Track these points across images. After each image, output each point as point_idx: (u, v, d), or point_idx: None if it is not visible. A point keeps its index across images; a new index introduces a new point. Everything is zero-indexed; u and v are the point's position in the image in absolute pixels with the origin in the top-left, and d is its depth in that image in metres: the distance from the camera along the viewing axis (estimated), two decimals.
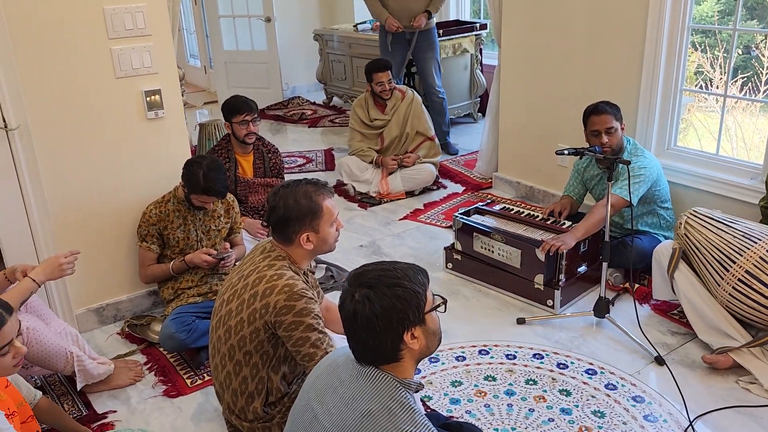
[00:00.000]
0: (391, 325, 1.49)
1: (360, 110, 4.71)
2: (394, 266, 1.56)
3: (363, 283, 1.52)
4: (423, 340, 1.55)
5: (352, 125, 4.76)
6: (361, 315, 1.49)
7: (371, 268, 1.57)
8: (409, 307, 1.50)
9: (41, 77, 2.70)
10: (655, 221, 3.31)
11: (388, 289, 1.49)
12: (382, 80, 4.55)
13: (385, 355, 1.52)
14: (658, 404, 2.49)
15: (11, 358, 1.80)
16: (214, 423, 2.48)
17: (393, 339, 1.50)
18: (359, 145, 4.71)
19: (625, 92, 3.56)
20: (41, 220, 2.79)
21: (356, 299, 1.50)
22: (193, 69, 8.96)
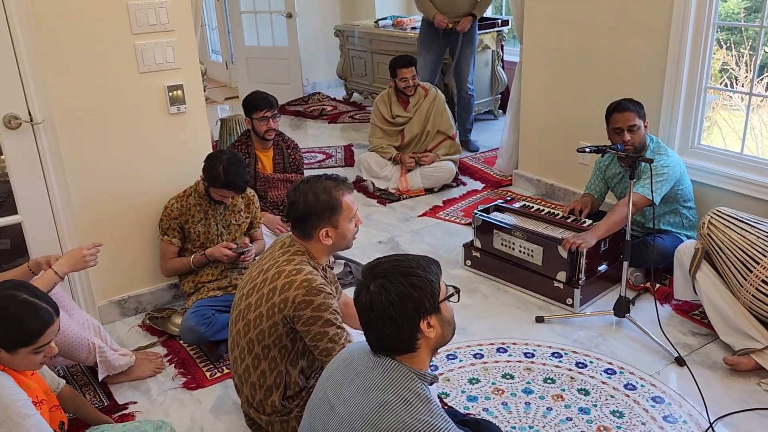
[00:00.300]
0: (407, 313, 1.50)
1: (382, 106, 4.70)
2: (407, 257, 1.59)
3: (378, 274, 1.54)
4: (439, 328, 1.57)
5: (373, 121, 4.76)
6: (377, 305, 1.51)
7: (385, 260, 1.59)
8: (425, 296, 1.52)
9: (66, 72, 2.73)
10: (677, 220, 3.28)
11: (404, 278, 1.51)
12: (406, 76, 4.54)
13: (402, 345, 1.54)
14: (678, 405, 2.47)
15: (42, 357, 1.84)
16: (233, 416, 2.50)
17: (410, 327, 1.52)
18: (379, 142, 4.71)
19: (648, 90, 3.52)
20: (65, 213, 2.83)
21: (372, 290, 1.52)
22: (215, 64, 9.02)
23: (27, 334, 1.78)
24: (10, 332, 1.76)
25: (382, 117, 4.71)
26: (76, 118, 2.80)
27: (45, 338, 1.82)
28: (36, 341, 1.80)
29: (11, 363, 1.80)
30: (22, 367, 1.84)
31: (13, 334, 1.76)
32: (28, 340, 1.78)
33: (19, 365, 1.82)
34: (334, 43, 7.42)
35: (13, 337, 1.76)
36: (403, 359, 1.55)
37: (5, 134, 2.62)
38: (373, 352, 1.58)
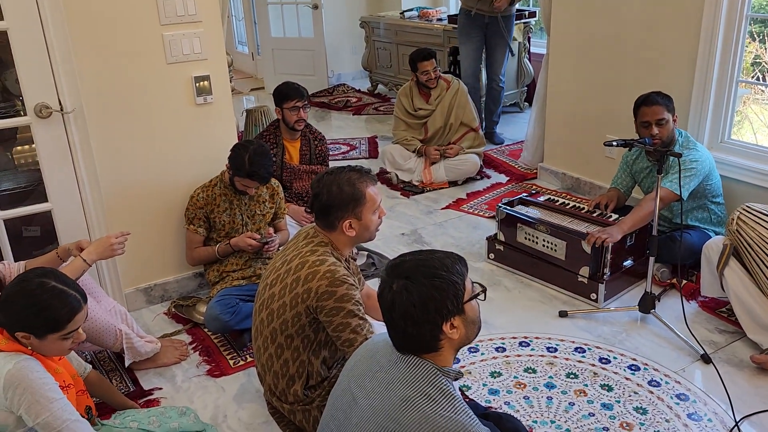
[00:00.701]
0: (429, 316, 1.48)
1: (404, 99, 4.70)
2: (432, 255, 1.56)
3: (400, 274, 1.52)
4: (462, 329, 1.55)
5: (396, 114, 4.76)
6: (399, 305, 1.49)
7: (408, 258, 1.56)
8: (447, 297, 1.50)
9: (96, 62, 2.77)
10: (705, 216, 3.22)
11: (426, 279, 1.49)
12: (427, 69, 4.52)
13: (424, 345, 1.52)
14: (702, 403, 2.44)
15: (71, 343, 1.87)
16: (256, 404, 2.53)
17: (432, 329, 1.50)
18: (403, 134, 4.70)
19: (678, 82, 3.46)
20: (94, 201, 2.88)
21: (394, 290, 1.51)
22: (241, 55, 9.06)
23: (55, 320, 1.81)
24: (39, 319, 1.80)
25: (405, 110, 4.70)
26: (105, 108, 2.84)
27: (73, 325, 1.85)
28: (64, 328, 1.83)
29: (40, 348, 1.84)
30: (50, 353, 1.87)
31: (42, 321, 1.80)
32: (56, 327, 1.82)
33: (47, 351, 1.86)
34: (360, 34, 7.41)
35: (43, 324, 1.80)
36: (427, 356, 1.54)
37: (36, 123, 2.67)
38: (396, 349, 1.57)
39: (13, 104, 3.07)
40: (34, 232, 3.18)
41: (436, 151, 4.59)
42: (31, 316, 1.79)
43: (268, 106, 5.00)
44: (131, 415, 2.18)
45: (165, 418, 2.18)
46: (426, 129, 4.67)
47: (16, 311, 1.79)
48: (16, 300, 1.80)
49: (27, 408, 1.73)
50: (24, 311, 1.79)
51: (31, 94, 2.63)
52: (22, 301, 1.80)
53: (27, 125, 2.69)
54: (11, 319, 1.80)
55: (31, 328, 1.80)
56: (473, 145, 4.69)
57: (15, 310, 1.79)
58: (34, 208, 2.82)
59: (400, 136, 4.71)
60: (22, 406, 1.73)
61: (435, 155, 4.58)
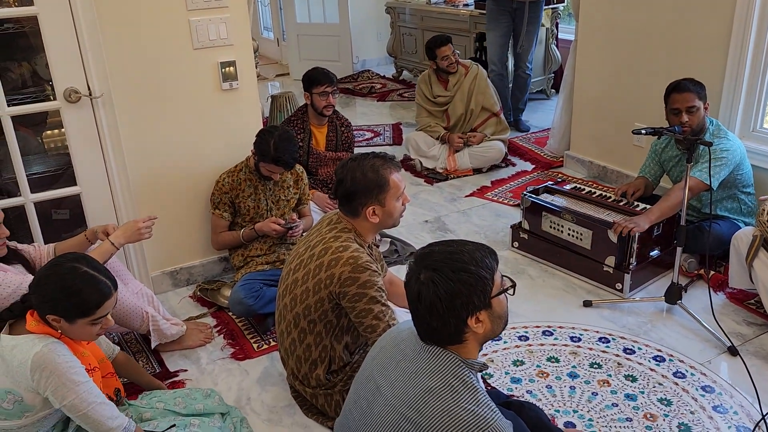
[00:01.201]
0: (454, 310, 1.47)
1: (424, 86, 4.67)
2: (461, 248, 1.53)
3: (428, 265, 1.49)
4: (488, 324, 1.53)
5: (418, 102, 4.74)
6: (425, 297, 1.48)
7: (437, 249, 1.54)
8: (474, 293, 1.47)
9: (124, 47, 2.80)
10: (735, 206, 3.16)
11: (453, 273, 1.47)
12: (447, 54, 4.48)
13: (448, 338, 1.51)
14: (728, 395, 2.40)
15: (99, 328, 1.91)
16: (279, 387, 2.55)
17: (456, 323, 1.49)
18: (427, 121, 4.68)
19: (709, 69, 3.39)
20: (121, 185, 2.92)
21: (421, 281, 1.49)
22: (267, 41, 9.08)
23: (85, 305, 1.85)
24: (69, 303, 1.83)
25: (425, 97, 4.68)
26: (132, 94, 2.87)
27: (102, 310, 1.88)
28: (94, 313, 1.86)
29: (69, 332, 1.87)
30: (79, 337, 1.91)
31: (72, 305, 1.83)
32: (86, 312, 1.85)
33: (76, 335, 1.89)
34: (385, 20, 7.37)
35: (73, 308, 1.83)
36: (451, 348, 1.53)
37: (66, 108, 2.71)
38: (421, 339, 1.56)
39: (43, 89, 3.11)
40: (64, 215, 3.23)
41: (459, 138, 4.56)
42: (62, 300, 1.83)
43: (293, 92, 5.02)
44: (157, 396, 2.22)
45: (190, 399, 2.22)
46: (448, 116, 4.65)
47: (48, 294, 1.83)
48: (49, 283, 1.84)
49: (53, 390, 1.76)
50: (55, 294, 1.83)
51: (60, 78, 2.67)
52: (54, 284, 1.83)
53: (56, 110, 2.73)
54: (43, 301, 1.83)
55: (61, 312, 1.83)
56: (497, 131, 4.64)
57: (47, 292, 1.83)
58: (63, 191, 2.87)
59: (423, 123, 4.69)
60: (49, 388, 1.76)
61: (458, 143, 4.55)
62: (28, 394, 1.78)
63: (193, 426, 2.08)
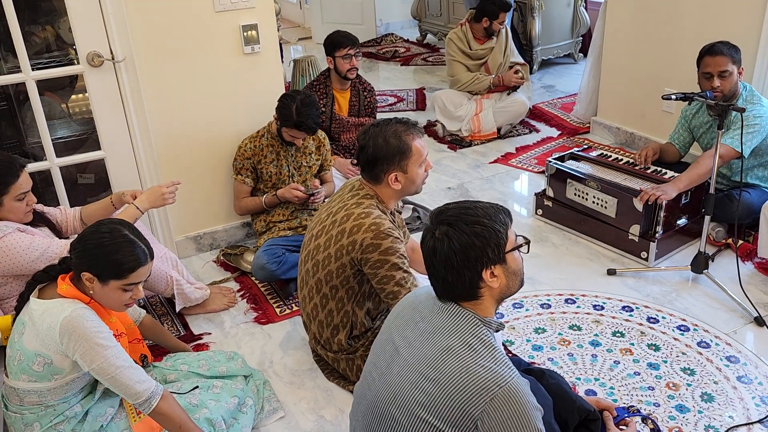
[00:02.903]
0: (469, 262, 1.49)
1: (459, 42, 4.47)
2: (475, 205, 1.55)
3: (443, 221, 1.52)
4: (503, 279, 1.54)
5: (452, 57, 4.52)
6: (440, 251, 1.50)
7: (452, 206, 1.56)
8: (488, 245, 1.49)
9: (146, 11, 2.78)
10: (766, 174, 3.08)
11: (467, 226, 1.49)
12: (503, 20, 4.41)
13: (464, 292, 1.53)
14: (754, 366, 2.38)
15: (128, 298, 1.93)
16: (301, 351, 2.58)
17: (471, 275, 1.50)
18: (467, 75, 4.48)
19: (743, 32, 3.27)
20: (145, 150, 2.93)
21: (436, 236, 1.51)
22: (289, 5, 8.97)
23: (120, 266, 1.87)
24: (106, 261, 1.86)
25: (461, 51, 4.51)
26: (154, 57, 2.86)
27: (136, 276, 1.90)
28: (127, 276, 1.88)
29: (101, 295, 1.90)
30: (108, 302, 1.93)
31: (108, 264, 1.86)
32: (119, 273, 1.87)
33: (107, 299, 1.91)
34: None
35: (108, 267, 1.86)
36: (468, 305, 1.54)
37: (89, 72, 2.71)
38: (437, 297, 1.58)
39: (66, 53, 3.12)
40: (89, 180, 3.27)
41: (514, 74, 4.43)
42: (99, 257, 1.85)
43: (316, 56, 4.96)
44: (181, 358, 2.26)
45: (213, 362, 2.25)
46: (487, 68, 4.51)
47: (87, 250, 1.86)
48: (90, 239, 1.87)
49: (82, 354, 1.80)
50: (93, 251, 1.86)
51: (83, 42, 2.67)
52: (94, 240, 1.87)
53: (80, 74, 2.73)
54: (81, 257, 1.87)
55: (96, 269, 1.86)
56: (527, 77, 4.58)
57: (86, 248, 1.86)
58: (87, 155, 2.90)
59: (465, 78, 4.48)
60: (77, 352, 1.80)
61: (516, 78, 4.44)
62: (57, 356, 1.82)
63: (216, 388, 2.12)
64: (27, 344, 1.83)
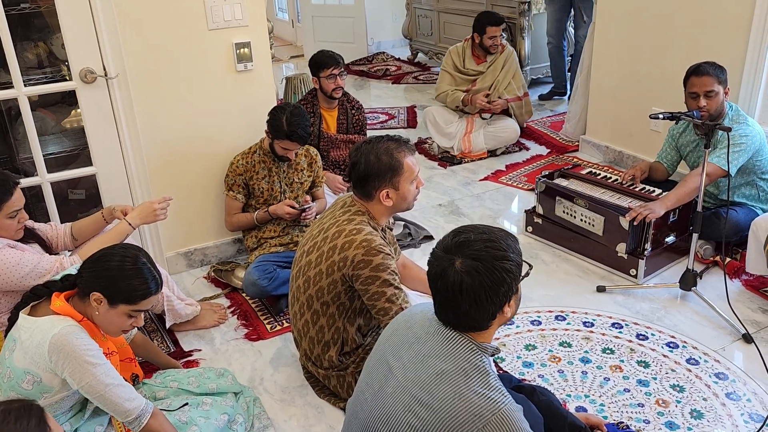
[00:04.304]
0: (497, 298, 1.48)
1: (456, 57, 4.55)
2: (495, 236, 1.51)
3: (469, 255, 1.47)
4: (514, 308, 1.56)
5: (444, 68, 4.60)
6: (468, 287, 1.45)
7: (474, 238, 1.50)
8: (514, 279, 1.50)
9: (139, 28, 2.79)
10: (753, 193, 3.12)
11: (498, 262, 1.46)
12: (496, 34, 4.41)
13: (480, 325, 1.51)
14: (742, 383, 2.39)
15: (129, 325, 1.93)
16: (291, 368, 2.57)
17: (494, 309, 1.50)
18: (448, 87, 4.55)
19: (730, 53, 3.33)
20: (137, 166, 2.93)
21: (461, 270, 1.46)
22: (281, 23, 9.04)
23: (134, 292, 1.87)
24: (121, 285, 1.85)
25: (454, 65, 4.57)
26: (147, 74, 2.87)
27: (144, 304, 1.90)
28: (138, 303, 1.88)
29: (104, 317, 1.88)
30: (108, 326, 1.91)
31: (123, 288, 1.85)
32: (131, 299, 1.87)
33: (108, 322, 1.90)
34: (400, 1, 7.31)
35: (123, 290, 1.86)
36: (470, 334, 1.53)
37: (81, 88, 2.72)
38: (441, 323, 1.55)
39: (59, 69, 3.12)
40: (80, 195, 3.26)
41: (482, 96, 4.42)
42: (117, 279, 1.85)
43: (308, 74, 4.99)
44: (171, 375, 2.24)
45: (204, 378, 2.24)
46: (474, 84, 4.55)
47: (105, 271, 1.86)
48: (110, 261, 1.87)
49: (71, 372, 1.78)
50: (113, 272, 1.85)
51: (76, 59, 2.68)
52: (115, 263, 1.86)
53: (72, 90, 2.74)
54: (97, 277, 1.86)
55: (109, 291, 1.85)
56: (519, 114, 4.59)
57: (106, 268, 1.86)
58: (79, 171, 2.90)
59: (442, 89, 4.57)
60: (66, 370, 1.78)
61: (482, 101, 4.41)
62: (46, 374, 1.81)
63: (206, 405, 2.11)
64: (16, 362, 1.81)
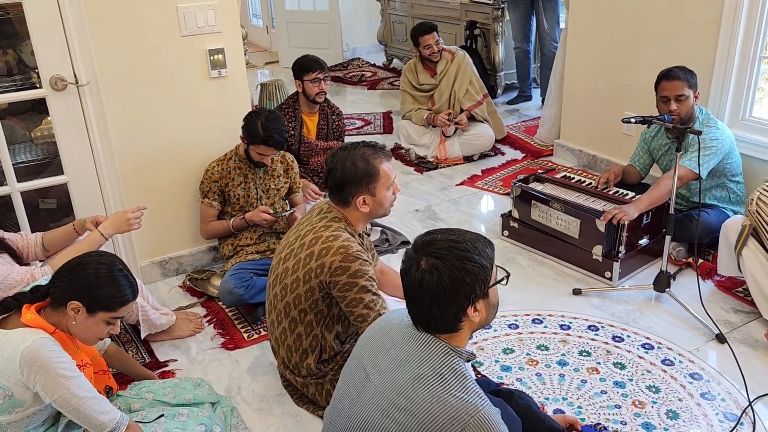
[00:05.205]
0: (457, 297, 1.47)
1: (410, 74, 4.65)
2: (464, 237, 1.52)
3: (431, 253, 1.48)
4: (484, 313, 1.54)
5: (403, 89, 4.70)
6: (428, 284, 1.47)
7: (440, 238, 1.52)
8: (477, 282, 1.48)
9: (110, 35, 2.76)
10: (724, 195, 3.18)
11: (459, 261, 1.46)
12: (430, 43, 4.45)
13: (445, 326, 1.52)
14: (716, 383, 2.43)
15: (106, 333, 1.92)
16: (269, 376, 2.55)
17: (456, 311, 1.49)
18: (411, 106, 4.65)
19: (699, 58, 3.39)
20: (109, 174, 2.89)
21: (423, 268, 1.48)
22: (256, 29, 9.01)
23: (113, 299, 1.86)
24: (101, 291, 1.85)
25: (410, 83, 4.65)
26: (119, 81, 2.84)
27: (122, 311, 1.90)
28: (116, 310, 1.88)
29: (81, 326, 1.86)
30: (86, 335, 1.90)
31: (103, 294, 1.85)
32: (110, 306, 1.87)
33: (86, 331, 1.88)
34: (375, 7, 7.33)
35: (102, 298, 1.85)
36: (442, 336, 1.53)
37: (52, 95, 2.68)
38: (413, 326, 1.56)
39: (29, 76, 3.07)
40: (51, 205, 3.20)
41: (444, 116, 4.47)
42: (95, 287, 1.84)
43: (283, 80, 4.99)
44: (146, 386, 2.21)
45: (180, 389, 2.21)
46: (433, 101, 4.61)
47: (83, 278, 1.84)
48: (86, 269, 1.85)
49: (43, 385, 1.75)
50: (89, 280, 1.84)
51: (46, 66, 2.63)
52: (91, 271, 1.85)
53: (42, 98, 2.69)
54: (73, 286, 1.84)
55: (88, 300, 1.84)
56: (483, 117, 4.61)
57: (82, 276, 1.84)
58: (50, 180, 2.85)
59: (406, 109, 4.66)
60: (38, 383, 1.75)
61: (443, 120, 4.46)
62: (18, 389, 1.77)
63: (182, 416, 2.08)
64: None
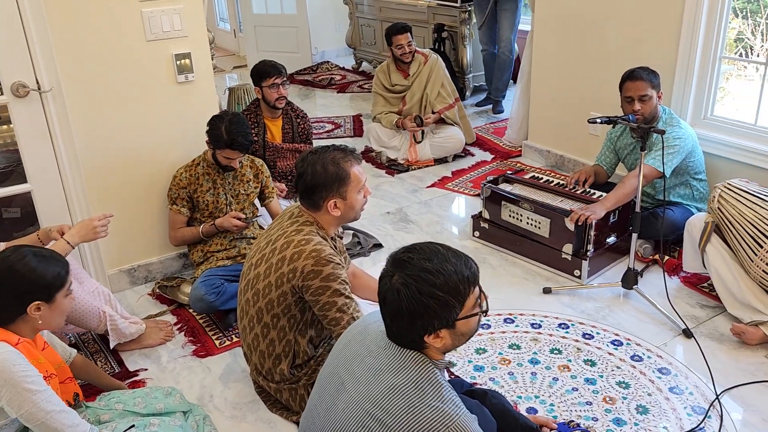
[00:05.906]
0: (413, 326, 1.46)
1: (382, 75, 4.65)
2: (441, 267, 1.45)
3: (403, 273, 1.46)
4: (448, 340, 1.51)
5: (375, 90, 4.70)
6: (391, 303, 1.46)
7: (416, 260, 1.47)
8: (436, 317, 1.45)
9: (73, 40, 2.71)
10: (687, 192, 3.25)
11: (419, 295, 1.43)
12: (401, 43, 4.47)
13: (407, 344, 1.51)
14: (684, 377, 2.47)
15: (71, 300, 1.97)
16: (242, 383, 2.53)
17: (413, 336, 1.48)
18: (381, 109, 4.66)
19: (662, 59, 3.46)
20: (74, 182, 2.84)
21: (391, 285, 1.46)
22: (223, 33, 8.94)
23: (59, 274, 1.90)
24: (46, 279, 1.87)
25: (383, 85, 4.66)
26: (83, 87, 2.79)
27: (71, 277, 1.95)
28: (67, 280, 1.93)
29: (49, 317, 1.89)
30: (57, 319, 1.93)
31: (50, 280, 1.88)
32: (62, 281, 1.91)
33: (55, 317, 1.92)
34: (344, 11, 7.32)
35: (50, 283, 1.88)
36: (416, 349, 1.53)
37: (13, 102, 2.62)
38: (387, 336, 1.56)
39: None
40: (14, 214, 3.14)
41: (412, 122, 4.50)
42: (38, 279, 1.85)
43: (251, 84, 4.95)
44: (116, 397, 2.17)
45: (151, 399, 2.18)
46: (404, 102, 4.62)
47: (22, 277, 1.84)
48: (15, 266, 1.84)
49: (9, 400, 1.71)
50: (30, 275, 1.84)
51: (6, 72, 2.58)
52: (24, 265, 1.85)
53: (3, 105, 2.64)
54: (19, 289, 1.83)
55: (40, 293, 1.85)
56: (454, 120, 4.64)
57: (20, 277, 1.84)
58: (13, 189, 2.78)
59: (377, 111, 4.67)
60: (4, 398, 1.71)
61: (411, 125, 4.50)
62: None
63: (153, 426, 2.04)
64: None
